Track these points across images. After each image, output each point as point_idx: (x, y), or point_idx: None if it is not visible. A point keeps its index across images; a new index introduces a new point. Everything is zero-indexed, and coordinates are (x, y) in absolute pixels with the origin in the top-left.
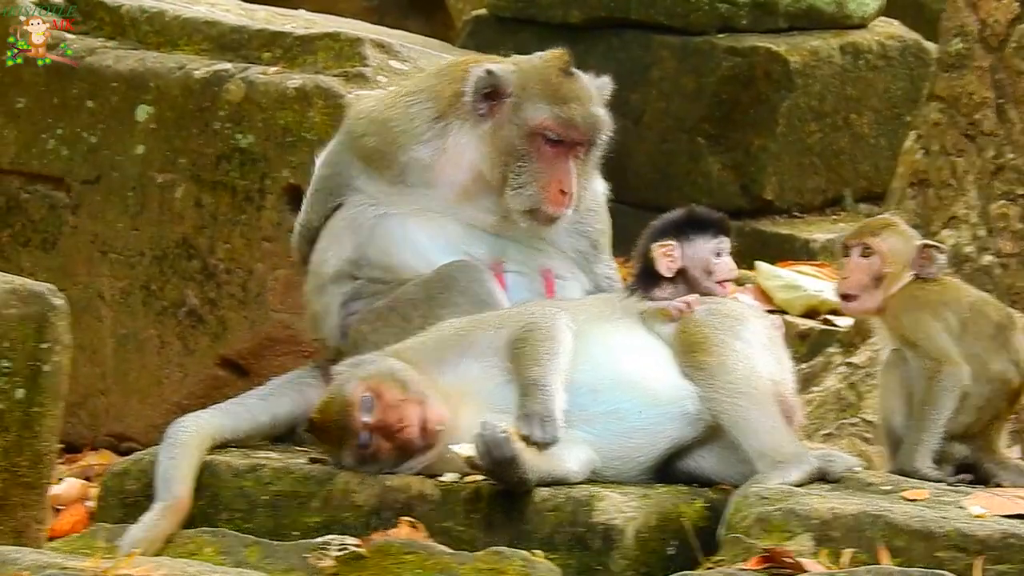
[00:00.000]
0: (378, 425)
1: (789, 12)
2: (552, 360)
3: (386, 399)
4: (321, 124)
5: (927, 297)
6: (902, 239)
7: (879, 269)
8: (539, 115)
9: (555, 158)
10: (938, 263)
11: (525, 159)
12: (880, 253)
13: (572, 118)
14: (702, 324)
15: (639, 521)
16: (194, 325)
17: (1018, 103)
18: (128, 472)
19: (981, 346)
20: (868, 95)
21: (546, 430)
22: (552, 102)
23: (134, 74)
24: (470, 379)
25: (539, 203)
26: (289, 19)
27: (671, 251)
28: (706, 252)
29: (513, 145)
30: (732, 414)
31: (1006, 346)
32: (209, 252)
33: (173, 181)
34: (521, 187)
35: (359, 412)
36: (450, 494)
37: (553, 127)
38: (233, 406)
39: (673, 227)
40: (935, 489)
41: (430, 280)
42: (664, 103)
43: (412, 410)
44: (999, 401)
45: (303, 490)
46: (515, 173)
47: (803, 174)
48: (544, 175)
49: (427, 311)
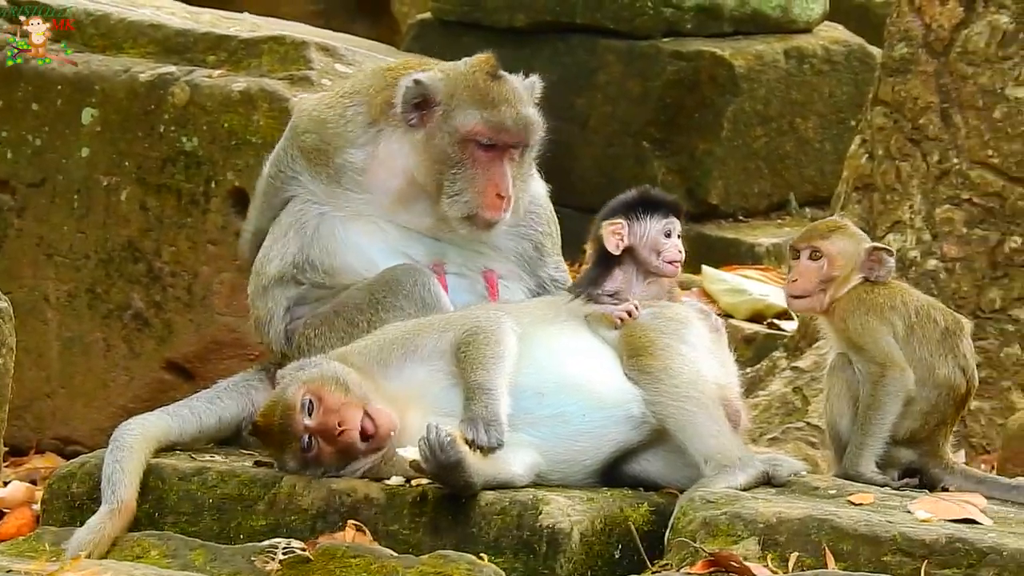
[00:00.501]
0: (319, 428)
1: (734, 16)
2: (497, 364)
3: (327, 402)
4: (266, 127)
5: (874, 301)
6: (851, 242)
7: (828, 272)
8: (469, 121)
9: (489, 163)
10: (887, 266)
11: (459, 166)
12: (829, 256)
13: (502, 121)
14: (647, 328)
15: (585, 525)
16: (140, 328)
17: (963, 108)
18: (74, 475)
19: (928, 351)
20: (813, 99)
21: (491, 434)
22: (481, 107)
23: (79, 77)
24: (415, 383)
25: (476, 209)
26: (234, 22)
27: (619, 229)
28: (654, 231)
29: (446, 153)
30: (678, 418)
31: (953, 351)
32: (154, 255)
33: (118, 184)
34: (457, 194)
35: (300, 415)
36: (396, 498)
37: (484, 132)
38: (179, 409)
39: (623, 207)
40: (881, 493)
41: (374, 284)
42: (610, 107)
43: (353, 413)
44: (946, 407)
45: (249, 493)
46: (450, 180)
47: (748, 178)
48: (479, 181)
49: (372, 315)
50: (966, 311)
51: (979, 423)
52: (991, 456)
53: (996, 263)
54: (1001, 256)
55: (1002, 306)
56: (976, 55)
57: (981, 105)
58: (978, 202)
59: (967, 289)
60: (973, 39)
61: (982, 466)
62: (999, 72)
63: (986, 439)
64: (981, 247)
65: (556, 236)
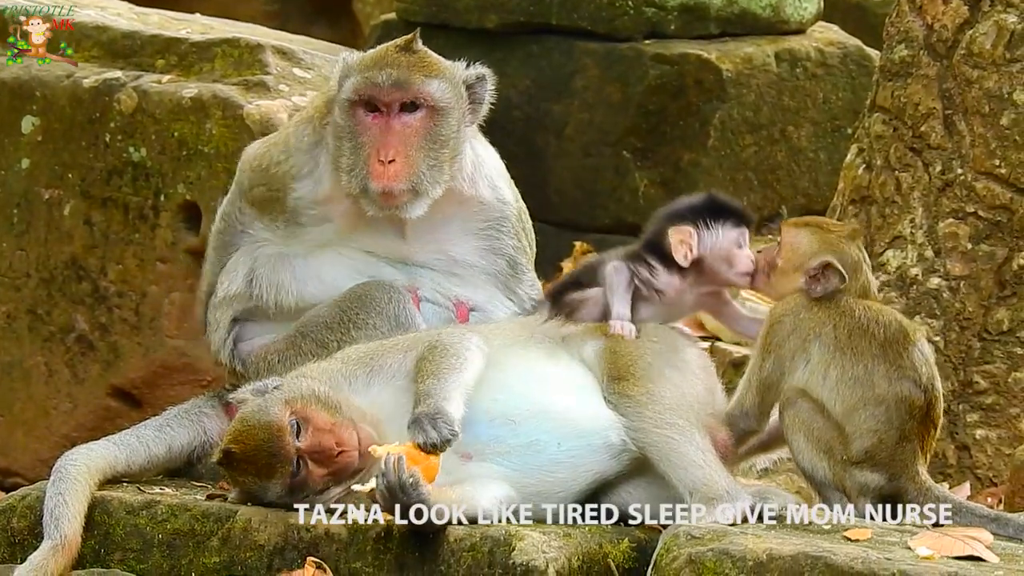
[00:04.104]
0: (311, 450)
1: (721, 17)
2: (451, 373)
3: (315, 422)
4: (219, 136)
5: (801, 323)
6: (812, 243)
7: (774, 258)
8: (352, 84)
9: (374, 127)
10: (823, 287)
11: (349, 136)
12: (782, 243)
13: (374, 77)
14: (632, 350)
15: (561, 562)
16: (84, 352)
17: (967, 114)
18: (14, 509)
19: (862, 368)
20: (806, 106)
21: (439, 428)
22: (365, 70)
23: (19, 83)
24: (380, 403)
25: (365, 180)
26: (184, 24)
27: (689, 238)
28: (728, 242)
29: (339, 125)
30: (660, 446)
31: (896, 363)
32: (100, 274)
33: (61, 197)
34: (350, 168)
35: (289, 437)
36: (358, 533)
37: (363, 90)
38: (126, 438)
39: (691, 212)
40: (879, 528)
41: (344, 300)
42: (587, 114)
43: (348, 433)
44: (902, 422)
45: (201, 528)
46: (344, 155)
47: (737, 190)
48: (364, 148)
49: (343, 333)
50: (971, 333)
51: (985, 453)
52: (998, 489)
53: (1003, 281)
54: (1009, 274)
55: (1010, 327)
56: (982, 57)
57: (987, 111)
58: (984, 215)
59: (972, 309)
60: (978, 40)
61: (988, 500)
62: (1006, 76)
63: (993, 470)
64: (987, 264)
65: (531, 249)
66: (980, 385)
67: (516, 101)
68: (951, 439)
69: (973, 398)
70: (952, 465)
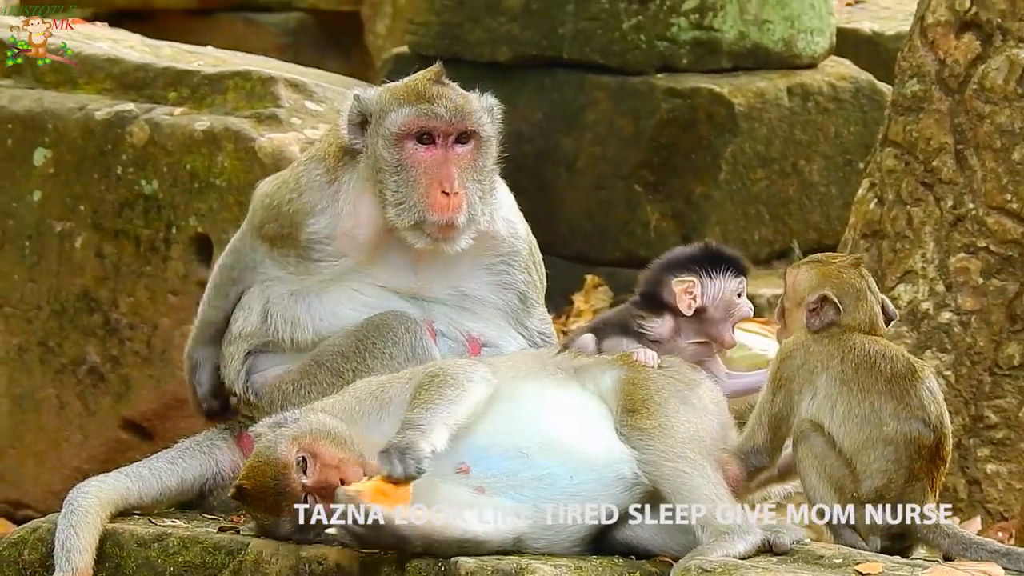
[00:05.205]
0: (318, 486)
1: (733, 51)
2: (442, 404)
3: (323, 458)
4: (231, 169)
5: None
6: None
7: (782, 302)
8: (400, 117)
9: (430, 160)
10: (820, 320)
11: (399, 169)
12: (785, 285)
13: (433, 108)
14: (651, 383)
15: None
16: (95, 384)
17: (979, 149)
18: (25, 541)
19: (868, 405)
20: (818, 140)
21: (406, 463)
22: (414, 103)
23: (31, 115)
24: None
25: (423, 213)
26: (196, 56)
27: (692, 288)
28: (729, 292)
29: (384, 159)
30: (672, 479)
31: (904, 400)
32: (111, 306)
33: (73, 230)
34: (401, 202)
35: (296, 474)
36: (369, 566)
37: (416, 123)
38: (138, 470)
39: (690, 263)
40: (890, 563)
41: (361, 330)
42: (599, 148)
43: (354, 470)
44: (911, 461)
45: (212, 561)
46: (392, 189)
47: (748, 224)
48: (421, 181)
49: (359, 363)
50: (982, 368)
51: (996, 488)
52: (1009, 523)
53: (1015, 316)
54: (1020, 308)
55: (1021, 362)
56: (993, 92)
57: (999, 146)
58: (995, 250)
59: (983, 344)
60: (990, 75)
61: (999, 534)
62: (1018, 111)
63: (1003, 505)
64: (998, 299)
65: (541, 283)
66: (991, 420)
67: (527, 134)
68: (962, 473)
69: (984, 433)
70: (963, 500)
